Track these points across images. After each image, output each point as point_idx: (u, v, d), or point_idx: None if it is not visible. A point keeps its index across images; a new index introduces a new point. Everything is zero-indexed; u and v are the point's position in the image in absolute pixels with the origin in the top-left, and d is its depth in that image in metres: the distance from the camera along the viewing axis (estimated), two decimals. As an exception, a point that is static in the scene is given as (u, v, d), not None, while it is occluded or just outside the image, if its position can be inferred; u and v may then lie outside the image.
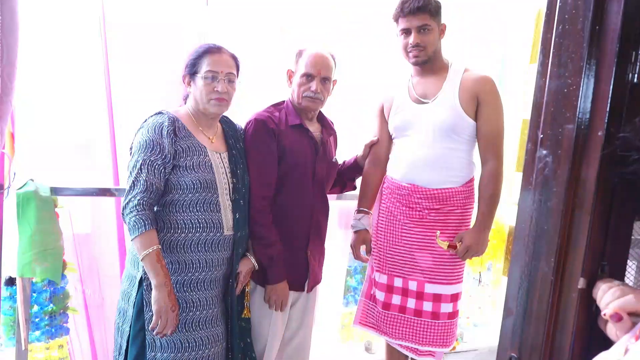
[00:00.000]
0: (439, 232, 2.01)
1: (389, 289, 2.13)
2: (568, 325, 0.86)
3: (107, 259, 2.39)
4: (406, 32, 1.97)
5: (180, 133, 1.79)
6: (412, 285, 2.08)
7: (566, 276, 0.87)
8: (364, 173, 2.27)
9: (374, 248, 2.19)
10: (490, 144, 1.98)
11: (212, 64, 1.80)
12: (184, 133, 1.81)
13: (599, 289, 0.84)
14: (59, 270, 2.06)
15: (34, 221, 1.94)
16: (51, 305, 2.24)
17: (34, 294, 2.20)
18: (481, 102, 1.98)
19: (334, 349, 2.80)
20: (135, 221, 1.68)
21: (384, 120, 2.22)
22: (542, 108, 1.02)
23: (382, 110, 2.23)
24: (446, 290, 2.04)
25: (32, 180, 2.05)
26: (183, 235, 1.79)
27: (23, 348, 1.95)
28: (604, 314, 0.76)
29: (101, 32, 2.32)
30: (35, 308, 2.22)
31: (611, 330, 0.77)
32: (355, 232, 2.22)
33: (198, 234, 1.80)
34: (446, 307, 2.05)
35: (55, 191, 2.10)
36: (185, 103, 1.93)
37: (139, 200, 1.70)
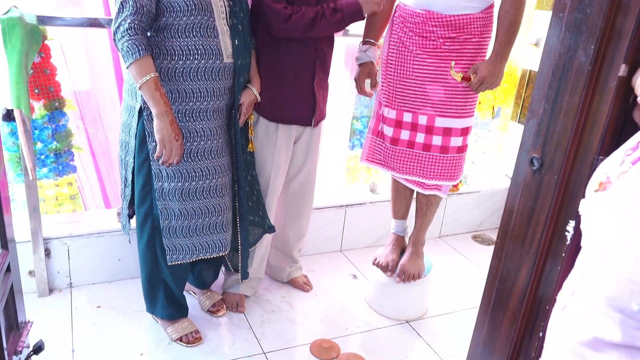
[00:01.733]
0: (453, 62, 1.89)
1: (398, 124, 2.06)
2: (600, 118, 0.80)
3: (105, 94, 2.31)
4: None
5: None
6: (422, 120, 2.00)
7: (605, 65, 0.79)
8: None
9: (382, 82, 2.08)
10: (510, 6, 1.81)
11: None
12: None
13: (639, 76, 0.77)
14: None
15: (21, 50, 1.82)
16: (55, 142, 2.22)
17: (36, 131, 2.16)
18: None
19: (340, 190, 2.85)
20: (128, 47, 1.57)
21: None
22: None
23: None
24: (457, 123, 1.98)
25: (15, 7, 1.90)
26: (181, 62, 1.70)
27: (31, 178, 1.96)
28: None
29: None
30: (39, 145, 2.20)
31: None
32: (360, 64, 2.09)
33: (197, 62, 1.71)
34: (456, 141, 2.00)
35: (42, 21, 1.95)
36: None
37: (129, 23, 1.57)
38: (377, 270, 2.28)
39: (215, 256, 1.93)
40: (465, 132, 2.01)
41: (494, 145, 3.29)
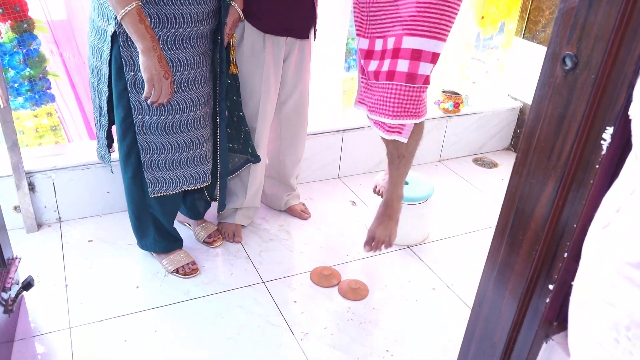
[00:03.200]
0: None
1: (369, 54, 1.74)
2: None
3: (80, 17, 2.12)
4: None
5: None
6: (390, 43, 1.66)
7: None
8: None
9: (354, 8, 1.75)
10: None
11: None
12: None
13: None
14: None
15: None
16: (28, 69, 2.06)
17: (5, 57, 1.99)
18: None
19: (336, 114, 2.71)
20: None
21: None
22: None
23: None
24: (428, 45, 1.61)
25: None
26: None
27: (2, 106, 1.81)
28: None
29: None
30: (11, 72, 2.04)
31: None
32: None
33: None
34: (425, 68, 1.63)
35: None
36: None
37: None
38: (377, 196, 2.20)
39: (198, 187, 1.84)
40: (435, 58, 1.64)
41: (496, 63, 3.12)
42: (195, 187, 1.83)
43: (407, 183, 2.10)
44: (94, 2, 1.61)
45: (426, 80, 1.67)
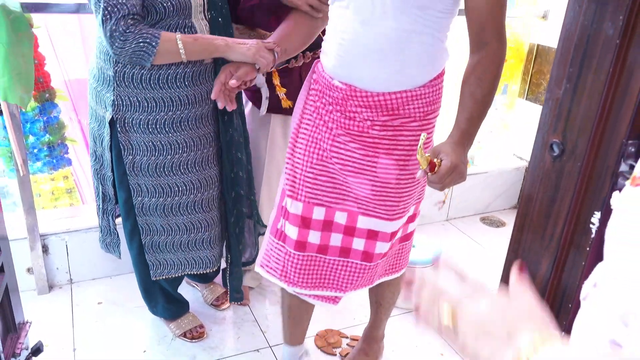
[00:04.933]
0: (424, 136, 1.19)
1: (305, 222, 1.45)
2: (630, 99, 0.72)
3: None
4: None
5: None
6: (340, 218, 1.45)
7: (635, 38, 0.71)
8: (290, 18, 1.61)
9: (287, 163, 1.50)
10: (488, 17, 1.23)
11: None
12: None
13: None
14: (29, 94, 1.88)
15: (7, 41, 1.74)
16: (47, 135, 2.15)
17: (27, 124, 2.09)
18: None
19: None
20: (141, 46, 1.38)
21: None
22: None
23: None
24: (386, 227, 1.44)
25: (-3, -5, 1.81)
26: (156, 68, 1.51)
27: (22, 173, 1.89)
28: None
29: None
30: (32, 139, 2.13)
31: None
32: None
33: (174, 67, 1.52)
34: (382, 247, 1.47)
35: (26, 8, 1.86)
36: None
37: (124, 24, 1.37)
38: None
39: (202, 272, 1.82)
40: (393, 235, 1.48)
41: (501, 123, 3.19)
42: (199, 272, 1.80)
43: (413, 246, 2.11)
44: (91, 90, 1.64)
45: (385, 256, 1.53)
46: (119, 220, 1.80)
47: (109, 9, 1.36)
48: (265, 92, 1.68)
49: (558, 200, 0.84)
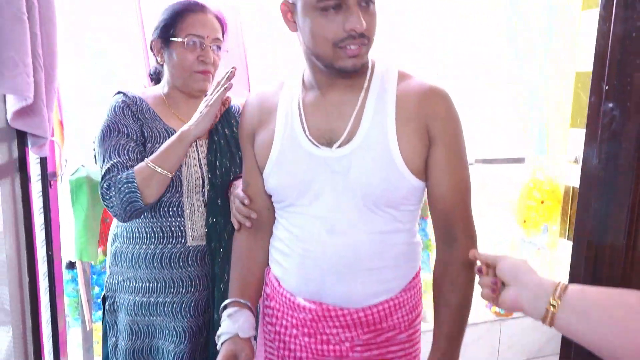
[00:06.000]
0: None
1: None
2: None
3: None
4: (338, 4, 1.01)
5: (143, 115, 1.43)
6: None
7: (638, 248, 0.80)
8: (234, 238, 1.35)
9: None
10: (454, 208, 1.11)
11: (195, 26, 1.40)
12: (149, 115, 1.44)
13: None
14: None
15: (87, 206, 1.99)
16: (111, 285, 2.32)
17: (94, 276, 2.28)
18: (436, 141, 1.08)
19: None
20: (128, 197, 1.30)
21: (251, 156, 1.26)
22: (607, 56, 0.93)
23: (248, 141, 1.27)
24: None
25: (83, 166, 2.10)
26: (132, 246, 1.47)
27: (88, 329, 2.03)
28: None
29: (138, 19, 2.29)
30: (97, 289, 2.31)
31: None
32: (224, 342, 1.21)
33: (153, 246, 1.45)
34: None
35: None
36: (150, 83, 1.60)
37: (126, 178, 1.32)
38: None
39: None
40: None
41: (544, 263, 3.20)
42: None
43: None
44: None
45: None
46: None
47: (110, 168, 1.36)
48: None
49: None
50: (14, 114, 1.35)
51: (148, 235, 1.45)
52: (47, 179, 1.66)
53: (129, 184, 1.30)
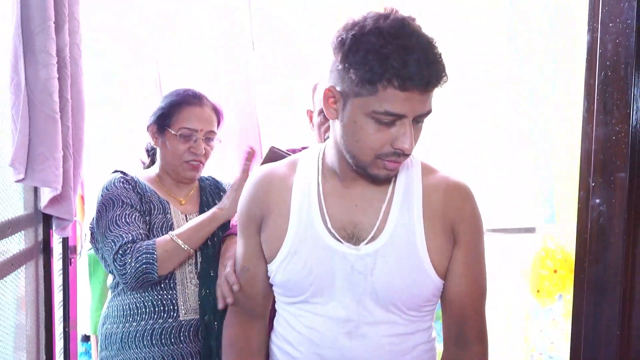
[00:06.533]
0: None
1: None
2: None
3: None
4: (394, 120, 0.93)
5: (141, 189, 1.48)
6: None
7: (633, 336, 0.84)
8: (224, 325, 1.23)
9: None
10: (470, 310, 1.07)
11: (190, 120, 1.47)
12: (146, 190, 1.49)
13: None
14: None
15: (103, 280, 2.05)
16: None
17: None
18: (459, 243, 1.06)
19: None
20: (144, 267, 1.32)
21: (255, 241, 1.14)
22: (592, 155, 0.99)
23: (253, 224, 1.14)
24: None
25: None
26: (121, 324, 1.43)
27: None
28: None
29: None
30: None
31: None
32: None
33: (144, 322, 1.42)
34: None
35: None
36: (148, 161, 1.65)
37: (146, 247, 1.34)
38: None
39: None
40: None
41: (561, 333, 3.14)
42: None
43: None
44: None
45: None
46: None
47: (112, 242, 1.37)
48: None
49: None
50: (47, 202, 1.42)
51: (139, 311, 1.41)
52: (68, 258, 1.74)
53: (148, 255, 1.32)
